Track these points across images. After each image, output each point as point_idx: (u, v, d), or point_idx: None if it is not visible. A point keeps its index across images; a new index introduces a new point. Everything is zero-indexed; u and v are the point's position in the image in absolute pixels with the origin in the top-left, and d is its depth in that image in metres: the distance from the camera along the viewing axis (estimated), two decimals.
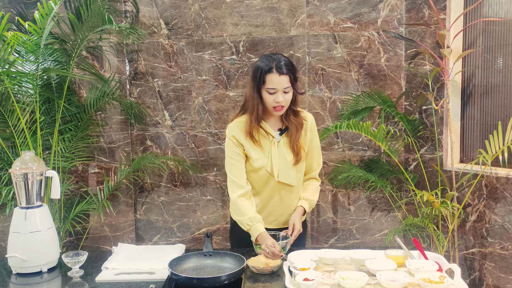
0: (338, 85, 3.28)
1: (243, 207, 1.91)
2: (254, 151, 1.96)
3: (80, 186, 3.31)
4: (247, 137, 1.95)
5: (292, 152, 1.97)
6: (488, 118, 2.95)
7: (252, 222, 1.88)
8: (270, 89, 1.86)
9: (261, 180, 1.99)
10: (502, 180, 2.71)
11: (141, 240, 3.54)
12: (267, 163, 1.96)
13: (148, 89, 3.42)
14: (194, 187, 3.45)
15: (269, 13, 3.27)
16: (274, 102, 1.87)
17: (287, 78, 1.85)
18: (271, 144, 1.97)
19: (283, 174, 1.97)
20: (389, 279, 1.52)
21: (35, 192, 1.82)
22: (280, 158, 1.96)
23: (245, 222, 1.90)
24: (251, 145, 1.96)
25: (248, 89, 1.96)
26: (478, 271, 2.90)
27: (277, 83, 1.84)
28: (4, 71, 2.55)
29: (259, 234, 1.84)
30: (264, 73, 1.85)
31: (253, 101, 1.91)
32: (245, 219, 1.89)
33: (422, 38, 3.10)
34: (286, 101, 1.89)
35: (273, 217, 2.05)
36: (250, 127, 1.93)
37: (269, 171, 1.96)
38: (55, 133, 2.92)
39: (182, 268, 1.70)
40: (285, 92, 1.87)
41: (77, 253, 1.77)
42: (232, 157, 1.96)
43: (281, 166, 1.96)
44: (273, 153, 1.96)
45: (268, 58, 1.88)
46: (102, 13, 2.74)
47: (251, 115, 1.92)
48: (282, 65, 1.85)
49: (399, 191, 3.26)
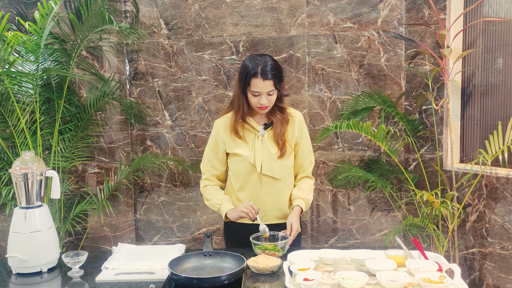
0: (338, 85, 3.28)
1: (212, 192, 2.09)
2: (238, 146, 2.04)
3: (80, 186, 3.31)
4: (231, 133, 2.04)
5: (277, 145, 2.03)
6: (488, 118, 2.95)
7: (221, 201, 2.03)
8: (254, 92, 1.95)
9: (244, 172, 2.05)
10: (502, 180, 2.71)
11: (141, 240, 3.54)
12: (250, 155, 2.02)
13: (148, 89, 3.42)
14: (194, 187, 3.45)
15: (269, 13, 3.27)
16: (258, 103, 1.97)
17: (271, 82, 1.93)
18: (255, 138, 2.03)
19: (266, 166, 2.01)
20: (389, 279, 1.52)
21: (35, 192, 1.82)
22: (263, 151, 2.02)
23: (215, 203, 2.05)
24: (234, 140, 2.05)
25: (235, 87, 2.05)
26: (478, 271, 2.90)
27: (261, 87, 1.93)
28: (4, 71, 2.55)
29: (228, 209, 2.00)
30: (249, 76, 1.93)
31: (239, 100, 2.01)
32: (214, 200, 2.05)
33: (422, 38, 3.10)
34: (270, 102, 1.98)
35: (263, 212, 2.07)
36: (235, 124, 2.03)
37: (252, 163, 2.01)
38: (55, 133, 2.92)
39: (182, 268, 1.70)
40: (269, 95, 1.96)
41: (77, 253, 1.77)
42: (208, 151, 2.11)
43: (264, 159, 2.01)
44: (256, 146, 2.02)
45: (254, 60, 1.94)
46: (102, 13, 2.75)
47: (237, 113, 2.03)
48: (267, 70, 1.91)
49: (399, 191, 3.26)
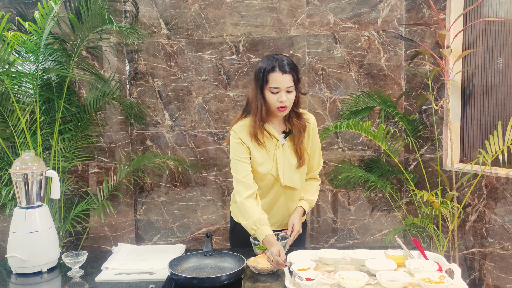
0: (338, 85, 3.28)
1: (249, 209, 1.85)
2: (259, 154, 1.94)
3: (80, 186, 3.31)
4: (252, 139, 1.92)
5: (296, 155, 1.96)
6: (488, 118, 2.95)
7: (257, 226, 1.82)
8: (273, 88, 1.84)
9: (266, 185, 1.97)
10: (502, 180, 2.71)
11: (141, 240, 3.54)
12: (272, 167, 1.94)
13: (148, 89, 3.42)
14: (194, 187, 3.45)
15: (269, 13, 3.27)
16: (277, 102, 1.85)
17: (290, 77, 1.84)
18: (275, 147, 1.95)
19: (288, 178, 1.96)
20: (389, 279, 1.52)
21: (35, 192, 1.82)
22: (285, 162, 1.95)
23: (249, 226, 1.84)
24: (256, 147, 1.93)
25: (251, 90, 1.93)
26: (478, 271, 2.90)
27: (280, 82, 1.83)
28: (4, 71, 2.55)
29: (264, 237, 1.79)
30: (267, 72, 1.83)
31: (257, 101, 1.88)
32: (249, 223, 1.84)
33: (422, 38, 3.09)
34: (290, 101, 1.87)
35: (275, 219, 2.04)
36: (255, 129, 1.91)
37: (275, 175, 1.94)
38: (55, 133, 2.92)
39: (182, 268, 1.70)
40: (288, 92, 1.85)
41: (77, 253, 1.77)
42: (238, 159, 1.92)
43: (286, 170, 1.95)
44: (278, 156, 1.94)
45: (270, 58, 1.87)
46: (102, 13, 2.74)
47: (255, 116, 1.90)
48: (284, 64, 1.83)
49: (399, 191, 3.26)
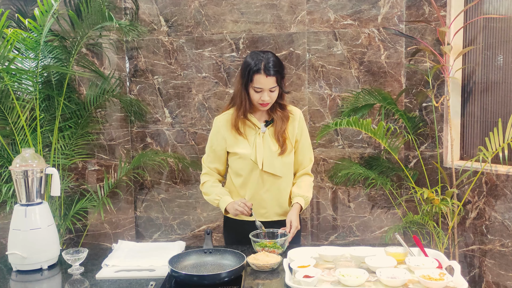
0: (338, 82, 3.28)
1: (212, 186, 2.08)
2: (239, 143, 2.04)
3: (80, 183, 3.31)
4: (232, 130, 2.04)
5: (277, 142, 2.03)
6: (488, 115, 2.95)
7: (220, 196, 2.03)
8: (257, 88, 1.94)
9: (246, 170, 2.04)
10: (502, 177, 2.71)
11: (141, 237, 3.55)
12: (251, 152, 2.02)
13: (148, 86, 3.42)
14: (194, 184, 3.45)
15: (269, 10, 3.26)
16: (260, 99, 1.96)
17: (273, 79, 1.93)
18: (256, 135, 2.03)
19: (268, 163, 2.01)
20: (389, 276, 1.52)
21: (35, 190, 1.82)
22: (264, 148, 2.02)
23: (213, 198, 2.04)
24: (235, 137, 2.04)
25: (236, 84, 2.04)
26: (478, 268, 2.91)
27: (264, 84, 1.92)
28: (4, 68, 2.55)
29: (228, 204, 1.99)
30: (252, 72, 1.92)
31: (241, 96, 2.00)
32: (212, 196, 2.04)
33: (423, 35, 3.09)
34: (272, 99, 1.98)
35: (264, 209, 2.07)
36: (236, 121, 2.03)
37: (253, 160, 2.01)
38: (55, 130, 2.92)
39: (182, 265, 1.70)
40: (271, 91, 1.96)
41: (77, 250, 1.77)
42: (210, 150, 2.11)
43: (265, 156, 2.01)
44: (257, 143, 2.02)
45: (257, 57, 1.94)
46: (102, 10, 2.74)
47: (238, 110, 2.02)
48: (270, 67, 1.91)
49: (399, 188, 3.26)
